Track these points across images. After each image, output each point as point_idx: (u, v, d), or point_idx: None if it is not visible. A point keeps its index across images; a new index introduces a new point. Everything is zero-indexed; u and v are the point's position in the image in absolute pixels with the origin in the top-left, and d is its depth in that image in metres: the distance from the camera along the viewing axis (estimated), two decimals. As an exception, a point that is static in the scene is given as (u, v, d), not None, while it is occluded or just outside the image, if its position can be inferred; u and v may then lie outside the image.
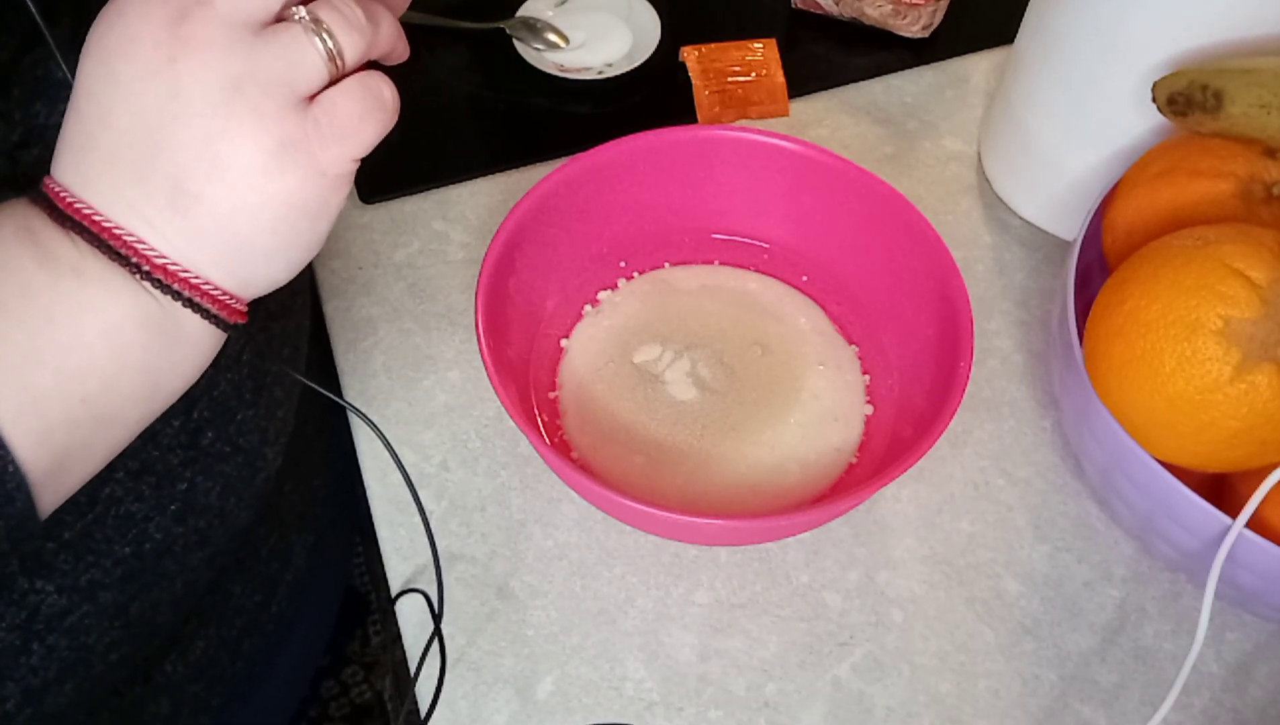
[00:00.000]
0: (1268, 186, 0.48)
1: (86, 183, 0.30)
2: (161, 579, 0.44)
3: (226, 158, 0.29)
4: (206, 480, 0.44)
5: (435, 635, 0.48)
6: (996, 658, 0.49)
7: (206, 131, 0.29)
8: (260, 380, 0.46)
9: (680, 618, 0.50)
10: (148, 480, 0.41)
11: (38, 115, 0.35)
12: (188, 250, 0.31)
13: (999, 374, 0.58)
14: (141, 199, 0.30)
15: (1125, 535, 0.52)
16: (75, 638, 0.41)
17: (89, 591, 0.40)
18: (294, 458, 0.55)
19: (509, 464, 0.54)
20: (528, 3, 0.72)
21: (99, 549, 0.40)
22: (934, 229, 0.51)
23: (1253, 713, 0.48)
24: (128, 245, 0.30)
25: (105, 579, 0.41)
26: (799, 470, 0.52)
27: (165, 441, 0.42)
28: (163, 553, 0.43)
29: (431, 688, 0.47)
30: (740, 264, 0.60)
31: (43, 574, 0.39)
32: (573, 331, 0.57)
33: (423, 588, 0.50)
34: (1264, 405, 0.42)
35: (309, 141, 0.30)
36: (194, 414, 0.43)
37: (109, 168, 0.30)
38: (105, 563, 0.41)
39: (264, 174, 0.30)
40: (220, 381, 0.44)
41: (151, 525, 0.42)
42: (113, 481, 0.40)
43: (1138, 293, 0.45)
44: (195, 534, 0.45)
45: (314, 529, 0.60)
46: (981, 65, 0.72)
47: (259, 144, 0.30)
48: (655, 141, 0.55)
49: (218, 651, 0.52)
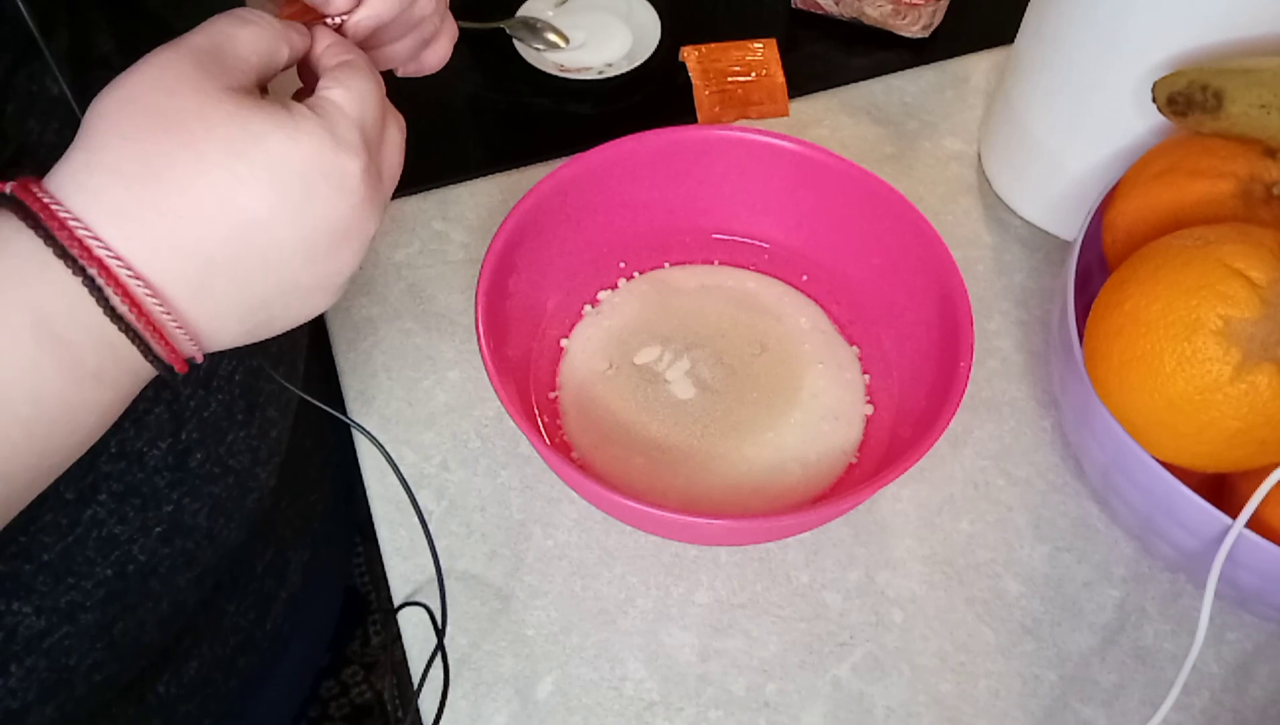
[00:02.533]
0: (1268, 186, 0.48)
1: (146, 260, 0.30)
2: (146, 599, 0.43)
3: (313, 307, 0.33)
4: (194, 502, 0.43)
5: (438, 650, 0.47)
6: (996, 658, 0.49)
7: (342, 266, 0.33)
8: (254, 400, 0.46)
9: (680, 618, 0.50)
10: (132, 502, 0.41)
11: (31, 132, 0.35)
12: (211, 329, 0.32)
13: (999, 374, 0.58)
14: (238, 321, 0.32)
15: (1125, 535, 0.52)
16: (55, 659, 0.40)
17: (69, 613, 0.40)
18: (291, 474, 0.54)
19: (509, 464, 0.54)
20: (528, 3, 0.72)
21: (79, 571, 0.40)
22: (934, 229, 0.51)
23: (1253, 713, 0.48)
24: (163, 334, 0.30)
25: (86, 600, 0.40)
26: (799, 470, 0.52)
27: (152, 463, 0.41)
28: (147, 574, 0.42)
29: (434, 702, 0.46)
30: (740, 264, 0.60)
31: (20, 595, 0.38)
32: (573, 331, 0.57)
33: (425, 599, 0.50)
34: (1264, 405, 0.42)
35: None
36: (182, 435, 0.42)
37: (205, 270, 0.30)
38: (86, 584, 0.40)
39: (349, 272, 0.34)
40: (211, 402, 0.43)
41: (135, 547, 0.41)
42: (95, 503, 0.39)
43: (1138, 293, 0.45)
44: (182, 555, 0.44)
45: (311, 545, 0.59)
46: (981, 65, 0.72)
47: (356, 263, 0.33)
48: (655, 141, 0.55)
49: (211, 670, 0.52)
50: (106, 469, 0.39)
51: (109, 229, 0.28)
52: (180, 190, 0.29)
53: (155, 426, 0.41)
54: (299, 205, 0.30)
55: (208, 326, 0.31)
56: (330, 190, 0.30)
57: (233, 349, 0.33)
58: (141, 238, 0.29)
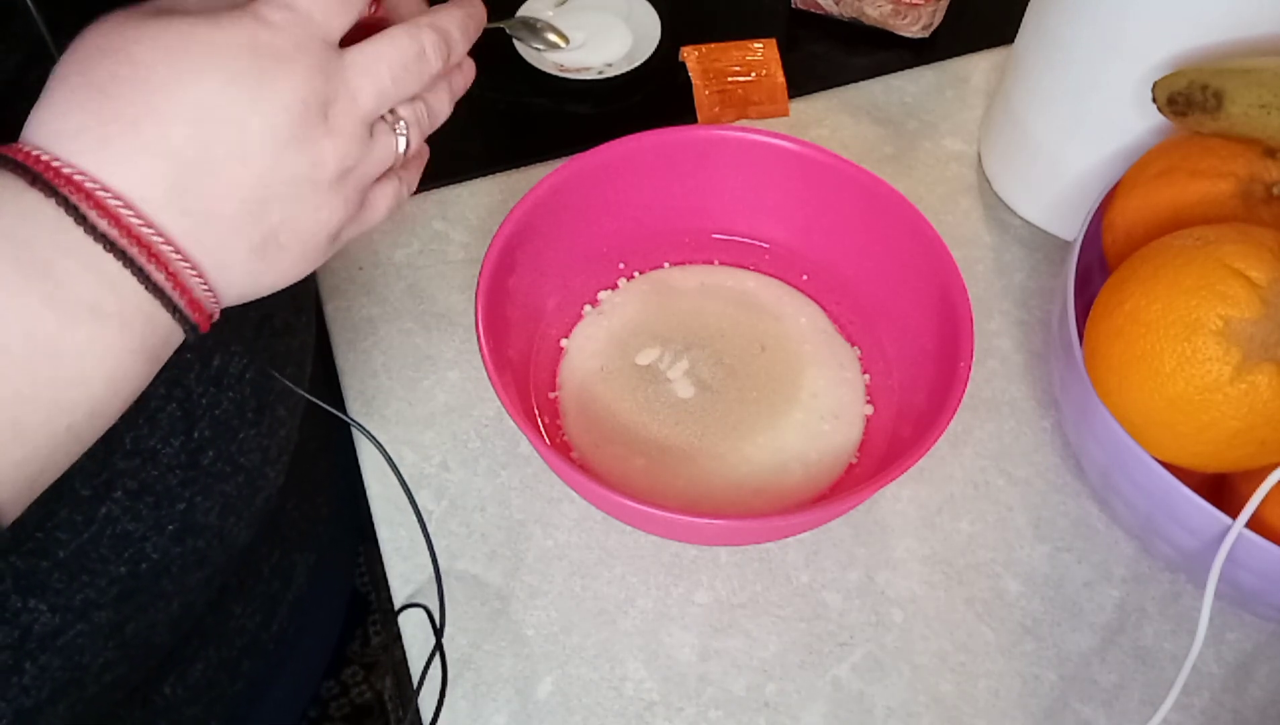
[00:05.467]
0: (1268, 186, 0.48)
1: (135, 189, 0.30)
2: (158, 599, 0.43)
3: (312, 228, 0.33)
4: (206, 500, 0.44)
5: (436, 650, 0.47)
6: (996, 658, 0.49)
7: (316, 205, 0.32)
8: (263, 399, 0.46)
9: (680, 618, 0.50)
10: (146, 500, 0.41)
11: None
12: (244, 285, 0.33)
13: (999, 374, 0.58)
14: (235, 234, 0.31)
15: (1125, 535, 0.52)
16: (69, 657, 0.40)
17: (83, 610, 0.40)
18: (297, 475, 0.54)
19: (509, 464, 0.54)
20: (528, 3, 0.72)
21: (94, 568, 0.40)
22: (934, 229, 0.51)
23: (1253, 713, 0.48)
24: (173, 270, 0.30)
25: (100, 598, 0.40)
26: (799, 470, 0.52)
27: (165, 461, 0.41)
28: (160, 572, 0.43)
29: (433, 703, 0.46)
30: (740, 263, 0.60)
31: (36, 593, 0.38)
32: (573, 331, 0.57)
33: (424, 599, 0.50)
34: (1264, 405, 0.42)
35: (354, 223, 0.36)
36: (194, 433, 0.42)
37: (185, 192, 0.30)
38: (100, 582, 0.40)
39: (327, 245, 0.34)
40: (222, 400, 0.43)
41: (148, 545, 0.42)
42: (110, 500, 0.39)
43: (1138, 293, 0.45)
44: (194, 554, 0.44)
45: (317, 547, 0.60)
46: (981, 65, 0.72)
47: (334, 223, 0.33)
48: (655, 141, 0.55)
49: (217, 673, 0.52)
50: (121, 466, 0.40)
51: (71, 149, 0.29)
52: (129, 101, 0.29)
53: (168, 424, 0.41)
54: (247, 86, 0.30)
55: (206, 245, 0.31)
56: (272, 63, 0.30)
57: (242, 348, 0.33)
58: (104, 151, 0.29)
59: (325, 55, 0.32)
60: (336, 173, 0.32)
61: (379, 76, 0.33)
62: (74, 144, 0.29)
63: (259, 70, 0.30)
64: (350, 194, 0.34)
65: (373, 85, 0.33)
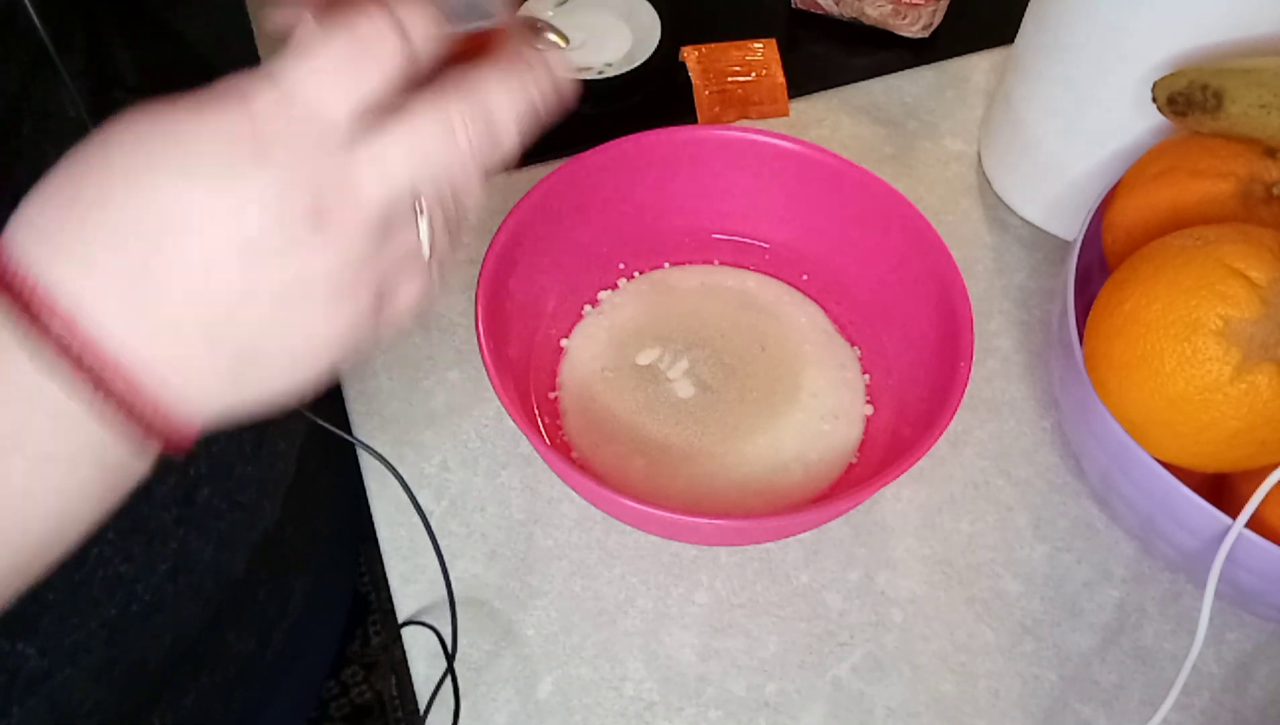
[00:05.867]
0: (1268, 186, 0.48)
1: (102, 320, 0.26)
2: (149, 637, 0.42)
3: (302, 344, 0.28)
4: (200, 538, 0.42)
5: (448, 674, 0.47)
6: (996, 658, 0.49)
7: (307, 319, 0.28)
8: (262, 434, 0.44)
9: (680, 618, 0.50)
10: (138, 539, 0.40)
11: (46, 155, 0.33)
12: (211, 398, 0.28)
13: (999, 374, 0.58)
14: (199, 356, 0.27)
15: (1125, 535, 0.52)
16: (56, 700, 0.39)
17: (72, 653, 0.39)
18: (296, 500, 0.52)
19: (509, 464, 0.54)
20: (528, 3, 0.72)
21: (84, 611, 0.39)
22: (934, 229, 0.51)
23: (1253, 713, 0.48)
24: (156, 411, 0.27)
25: (90, 641, 0.39)
26: (799, 470, 0.52)
27: (159, 499, 0.40)
28: (151, 611, 0.41)
29: (446, 718, 0.46)
30: (740, 264, 0.60)
31: (24, 635, 0.37)
32: (573, 331, 0.57)
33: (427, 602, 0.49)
34: (1264, 405, 0.42)
35: (372, 328, 0.30)
36: (190, 471, 0.41)
37: (149, 311, 0.26)
38: (91, 624, 0.39)
39: (333, 357, 0.29)
40: (219, 436, 0.42)
41: (140, 586, 0.40)
42: (102, 541, 0.38)
43: (1138, 293, 0.45)
44: (187, 590, 0.43)
45: (314, 570, 0.58)
46: (981, 65, 0.72)
47: (336, 336, 0.29)
48: (655, 141, 0.55)
49: (209, 701, 0.50)
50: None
51: (37, 260, 0.26)
52: (87, 203, 0.26)
53: (162, 461, 0.40)
54: (210, 190, 0.26)
55: (169, 367, 0.27)
56: (247, 161, 0.26)
57: None
58: (61, 266, 0.26)
59: (318, 145, 0.26)
60: (334, 282, 0.27)
61: (390, 167, 0.27)
62: (38, 254, 0.26)
63: (228, 170, 0.26)
64: (361, 300, 0.29)
65: (381, 178, 0.27)
